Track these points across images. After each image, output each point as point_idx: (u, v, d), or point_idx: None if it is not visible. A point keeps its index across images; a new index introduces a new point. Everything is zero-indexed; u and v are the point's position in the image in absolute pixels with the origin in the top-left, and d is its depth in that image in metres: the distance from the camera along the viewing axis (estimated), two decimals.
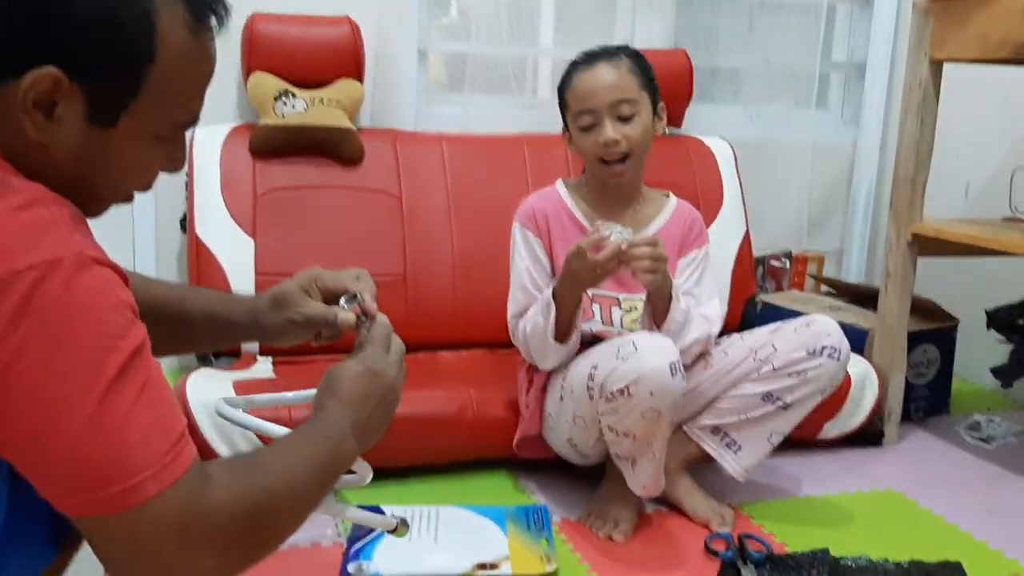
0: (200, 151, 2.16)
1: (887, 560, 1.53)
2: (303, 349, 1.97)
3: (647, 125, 1.70)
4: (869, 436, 2.10)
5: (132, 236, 2.35)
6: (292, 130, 2.18)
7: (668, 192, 1.84)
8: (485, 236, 2.25)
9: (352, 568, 1.46)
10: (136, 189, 0.90)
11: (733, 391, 1.68)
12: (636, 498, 1.65)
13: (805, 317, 1.72)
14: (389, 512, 1.64)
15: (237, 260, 2.10)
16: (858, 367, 2.02)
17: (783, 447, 1.70)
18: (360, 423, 0.97)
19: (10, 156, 0.78)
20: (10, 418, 0.72)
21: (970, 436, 2.19)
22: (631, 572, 1.51)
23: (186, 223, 2.19)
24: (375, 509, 1.65)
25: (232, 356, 2.06)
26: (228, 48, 2.22)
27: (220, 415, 1.08)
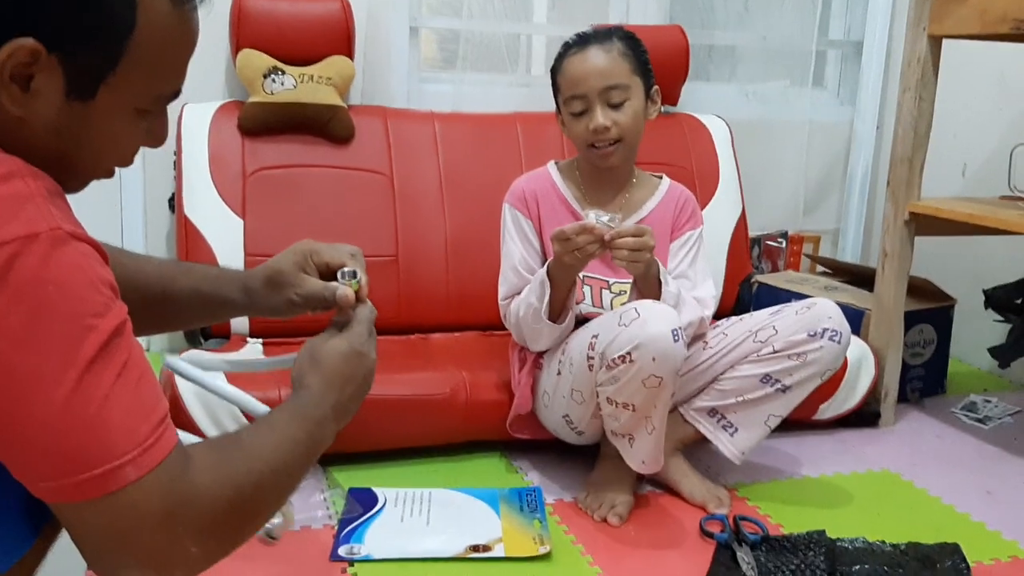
0: (188, 129, 2.13)
1: (884, 542, 1.52)
2: (293, 331, 1.97)
3: (638, 110, 1.67)
4: (865, 417, 2.09)
5: (120, 216, 2.32)
6: (282, 107, 2.15)
7: (661, 174, 1.82)
8: (478, 216, 2.23)
9: (343, 551, 1.44)
10: (116, 164, 0.88)
11: (731, 372, 1.67)
12: (631, 479, 1.64)
13: (807, 300, 1.70)
14: (382, 495, 1.63)
15: (226, 241, 2.07)
16: (854, 348, 2.00)
17: (779, 428, 1.69)
18: (341, 403, 0.96)
19: None
20: None
21: (966, 417, 2.18)
22: (625, 554, 1.50)
23: (174, 203, 2.16)
24: (368, 492, 1.64)
25: (222, 338, 2.04)
26: (217, 25, 2.20)
27: (172, 369, 1.08)
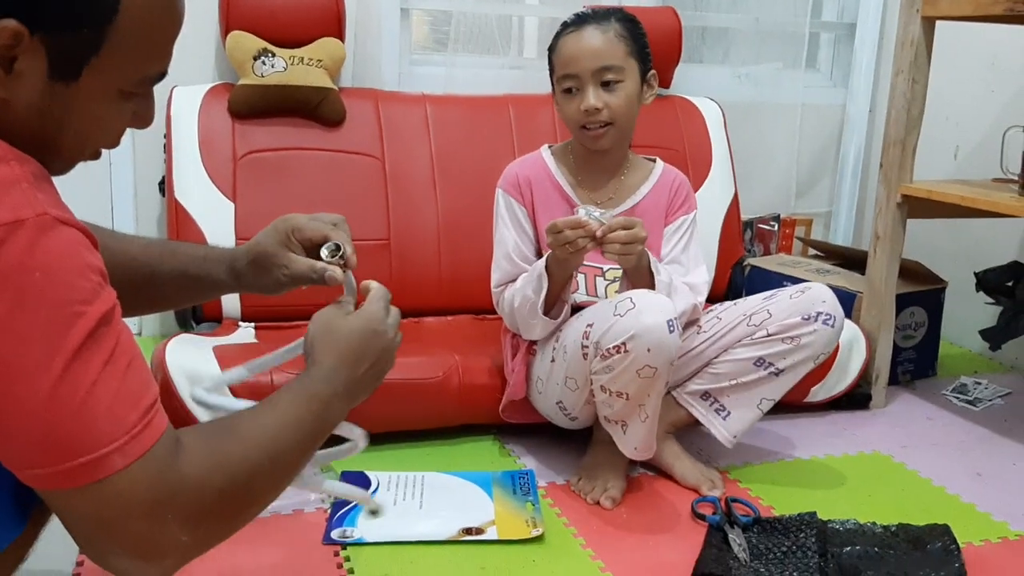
0: (178, 112, 2.11)
1: (875, 523, 1.52)
2: (285, 314, 1.96)
3: (632, 94, 1.66)
4: (856, 399, 2.09)
5: (110, 200, 2.31)
6: (272, 90, 2.13)
7: (655, 158, 1.81)
8: (470, 199, 2.22)
9: (336, 535, 1.44)
10: (102, 146, 0.87)
11: (725, 356, 1.67)
12: (624, 463, 1.64)
13: (801, 284, 1.70)
14: (375, 478, 1.63)
15: (217, 224, 2.06)
16: (846, 330, 1.99)
17: (770, 411, 1.69)
18: (353, 381, 0.95)
19: None
20: None
21: (957, 399, 2.19)
22: (617, 536, 1.50)
23: (165, 186, 2.15)
24: (361, 476, 1.64)
25: (214, 321, 2.03)
26: (206, 6, 2.18)
27: (198, 403, 1.07)
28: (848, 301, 2.11)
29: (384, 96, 2.30)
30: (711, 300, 1.79)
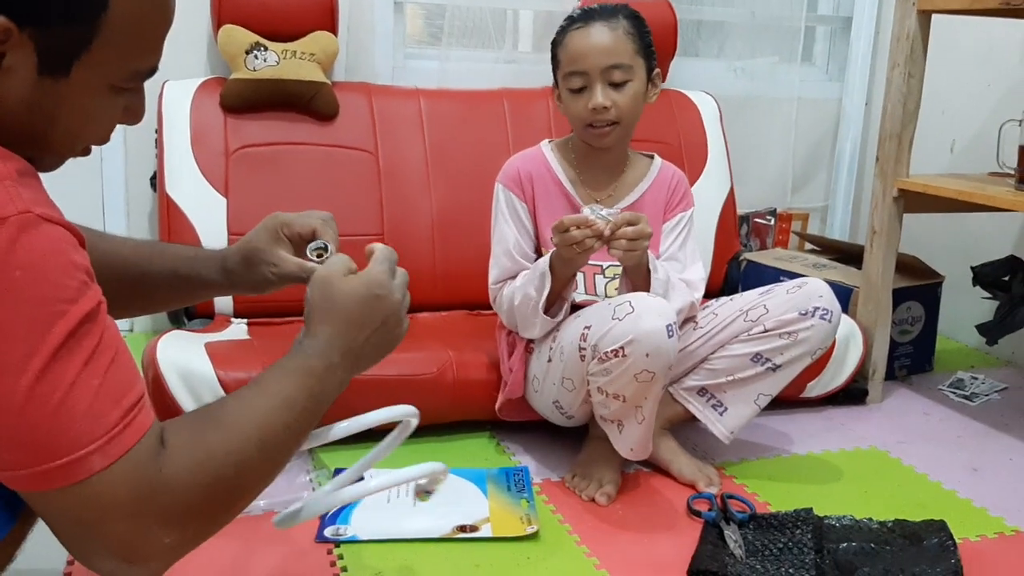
0: (169, 107, 2.10)
1: (871, 519, 1.52)
2: (277, 310, 1.95)
3: (638, 93, 1.64)
4: (853, 394, 2.09)
5: (101, 195, 2.30)
6: (264, 84, 2.12)
7: (652, 154, 1.80)
8: (464, 194, 2.21)
9: (329, 533, 1.43)
10: (92, 142, 0.86)
11: (722, 351, 1.66)
12: (619, 459, 1.63)
13: (798, 279, 1.69)
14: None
15: (209, 220, 2.05)
16: (842, 325, 1.99)
17: (767, 406, 1.69)
18: (353, 349, 0.92)
19: None
20: None
21: (954, 394, 2.18)
22: (612, 533, 1.50)
23: (156, 181, 2.13)
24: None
25: (206, 318, 2.02)
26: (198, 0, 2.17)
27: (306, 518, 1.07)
28: (844, 296, 2.10)
29: (378, 90, 2.29)
30: (707, 295, 1.78)
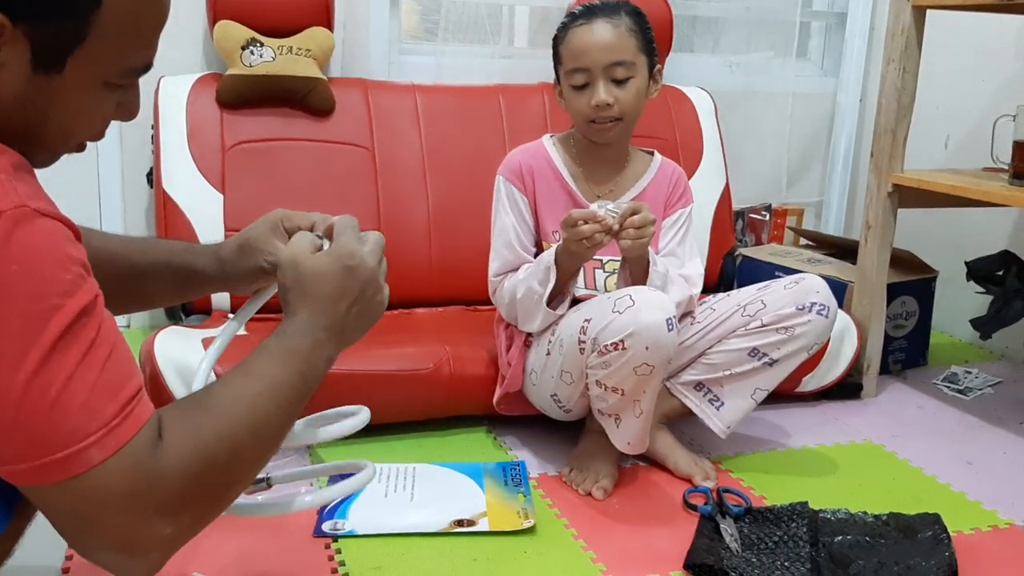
0: (165, 103, 2.10)
1: (866, 512, 1.53)
2: (274, 305, 1.95)
3: (641, 89, 1.65)
4: (848, 389, 2.09)
5: (98, 192, 2.30)
6: (260, 80, 2.12)
7: (652, 150, 1.81)
8: (460, 190, 2.21)
9: (327, 526, 1.44)
10: (86, 138, 0.86)
11: (719, 346, 1.67)
12: (616, 453, 1.64)
13: (795, 274, 1.70)
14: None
15: (206, 215, 2.05)
16: (837, 320, 2.00)
17: (763, 401, 1.69)
18: (336, 323, 0.90)
19: None
20: None
21: (948, 388, 2.19)
22: (609, 527, 1.50)
23: (153, 177, 2.13)
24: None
25: (203, 314, 2.02)
26: None
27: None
28: (839, 290, 2.11)
29: (373, 86, 2.29)
30: (704, 291, 1.79)
